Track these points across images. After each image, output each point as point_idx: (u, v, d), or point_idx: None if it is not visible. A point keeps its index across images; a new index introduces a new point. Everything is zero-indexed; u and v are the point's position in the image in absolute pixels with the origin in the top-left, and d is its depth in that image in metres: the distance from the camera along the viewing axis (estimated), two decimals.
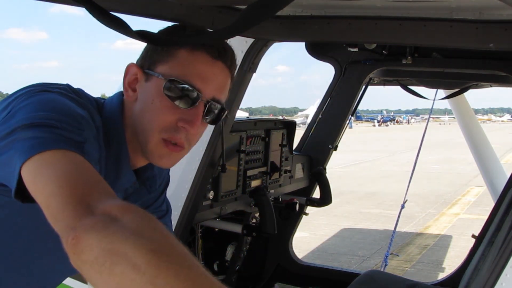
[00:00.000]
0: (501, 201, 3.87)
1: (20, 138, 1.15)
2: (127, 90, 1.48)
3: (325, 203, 4.44)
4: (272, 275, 4.63)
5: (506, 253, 2.18)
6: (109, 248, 0.89)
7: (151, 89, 1.43)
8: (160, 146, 1.45)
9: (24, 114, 1.20)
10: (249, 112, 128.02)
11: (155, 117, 1.43)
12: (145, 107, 1.44)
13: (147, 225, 0.95)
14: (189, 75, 1.41)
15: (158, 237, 0.93)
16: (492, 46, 2.04)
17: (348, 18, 2.22)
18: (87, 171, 1.11)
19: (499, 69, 4.03)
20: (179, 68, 1.42)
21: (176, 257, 0.90)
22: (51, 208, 1.03)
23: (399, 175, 17.68)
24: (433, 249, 8.97)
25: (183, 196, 2.94)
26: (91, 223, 0.94)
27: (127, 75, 1.48)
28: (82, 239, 0.92)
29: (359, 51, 4.28)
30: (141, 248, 0.88)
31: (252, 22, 1.27)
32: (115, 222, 0.93)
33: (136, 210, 0.99)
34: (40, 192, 1.06)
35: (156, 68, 1.44)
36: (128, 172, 1.52)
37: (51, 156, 1.11)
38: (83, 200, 1.01)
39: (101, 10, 1.30)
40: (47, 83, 1.38)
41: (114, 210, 0.97)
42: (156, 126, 1.43)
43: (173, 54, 1.42)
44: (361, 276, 3.65)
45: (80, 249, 0.91)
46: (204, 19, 1.95)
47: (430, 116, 7.00)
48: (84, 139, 1.22)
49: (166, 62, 1.43)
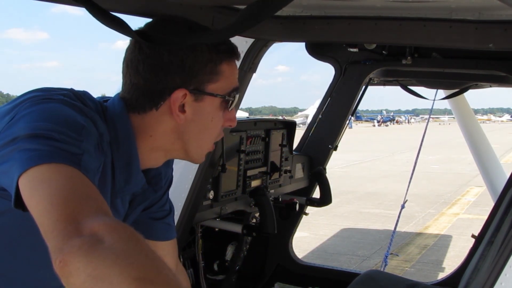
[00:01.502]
0: (501, 201, 3.87)
1: (20, 148, 1.18)
2: (178, 115, 1.49)
3: (325, 203, 4.44)
4: (272, 275, 4.63)
5: (505, 253, 2.18)
6: (95, 275, 0.91)
7: (207, 108, 1.51)
8: (209, 149, 1.62)
9: (26, 123, 1.23)
10: (249, 112, 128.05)
11: (214, 130, 1.56)
12: (205, 125, 1.53)
13: (133, 247, 0.96)
14: (234, 83, 1.55)
15: (143, 261, 0.94)
16: (491, 46, 2.05)
17: (348, 18, 2.22)
18: (80, 186, 1.12)
19: (499, 69, 4.03)
20: (228, 82, 1.53)
21: (161, 285, 0.92)
22: (43, 226, 1.04)
23: (399, 175, 17.68)
24: (433, 249, 8.97)
25: (183, 196, 2.94)
26: (77, 244, 0.95)
27: (176, 100, 1.47)
28: (68, 263, 0.93)
29: (359, 51, 4.28)
30: (126, 276, 0.90)
31: (252, 22, 1.27)
32: (101, 244, 0.95)
33: (123, 229, 1.00)
34: (35, 208, 1.08)
35: (207, 88, 1.49)
36: (138, 174, 1.54)
37: (46, 170, 1.13)
38: (72, 219, 1.02)
39: (101, 10, 1.30)
40: (51, 89, 1.38)
41: (101, 230, 0.98)
42: (215, 137, 1.58)
43: (219, 72, 1.50)
44: (361, 276, 3.65)
45: (68, 273, 0.93)
46: (204, 19, 1.95)
47: (430, 116, 7.00)
48: (82, 150, 1.23)
49: (216, 80, 1.50)
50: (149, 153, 1.54)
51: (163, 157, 1.60)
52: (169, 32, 1.46)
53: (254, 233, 3.49)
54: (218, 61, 1.48)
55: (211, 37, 1.47)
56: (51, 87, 1.40)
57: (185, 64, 1.45)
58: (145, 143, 1.52)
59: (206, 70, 1.47)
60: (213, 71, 1.48)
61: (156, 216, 1.78)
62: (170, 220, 1.85)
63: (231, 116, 1.58)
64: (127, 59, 1.49)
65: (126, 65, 1.49)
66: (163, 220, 1.80)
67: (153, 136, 1.51)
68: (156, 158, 1.58)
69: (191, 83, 1.47)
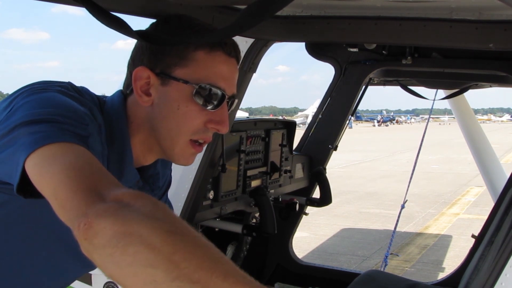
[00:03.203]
0: (501, 201, 3.88)
1: (22, 134, 1.15)
2: (140, 96, 1.45)
3: (325, 203, 4.44)
4: (272, 275, 4.63)
5: (505, 253, 2.18)
6: (123, 230, 0.89)
7: (173, 94, 1.42)
8: (188, 148, 1.47)
9: (24, 111, 1.20)
10: (249, 112, 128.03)
11: (183, 122, 1.43)
12: (170, 113, 1.43)
13: (159, 210, 0.95)
14: (213, 77, 1.42)
15: (172, 220, 0.94)
16: (491, 46, 2.05)
17: (348, 18, 2.22)
18: (94, 163, 1.10)
19: (499, 69, 4.03)
20: (201, 71, 1.42)
21: (191, 237, 0.91)
22: (59, 198, 1.01)
23: (399, 175, 17.69)
24: (433, 249, 8.98)
25: (183, 196, 2.94)
26: (103, 207, 0.93)
27: (139, 80, 1.44)
28: (94, 224, 0.91)
29: (359, 51, 4.28)
30: (156, 229, 0.88)
31: (252, 22, 1.27)
32: (128, 207, 0.93)
33: (147, 197, 0.99)
34: (47, 183, 1.05)
35: (173, 72, 1.42)
36: (131, 170, 1.52)
37: (56, 149, 1.10)
38: (93, 188, 1.00)
39: (101, 10, 1.30)
40: (49, 81, 1.37)
41: (125, 197, 0.96)
42: (185, 131, 1.44)
43: (191, 57, 1.42)
44: (361, 276, 3.65)
45: (93, 234, 0.91)
46: (204, 19, 1.95)
47: (430, 116, 7.01)
48: (88, 133, 1.22)
49: (185, 65, 1.42)
50: (140, 148, 1.52)
51: (149, 152, 1.54)
52: (170, 31, 1.46)
53: (254, 233, 3.49)
54: (191, 46, 1.41)
55: (212, 37, 1.47)
56: (49, 80, 1.39)
57: (152, 46, 1.45)
58: (136, 137, 1.50)
59: (173, 52, 1.42)
60: (181, 54, 1.42)
61: None
62: None
63: (215, 117, 1.44)
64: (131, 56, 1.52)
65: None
66: None
67: (133, 123, 1.49)
68: (144, 153, 1.53)
69: (158, 65, 1.44)
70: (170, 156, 1.51)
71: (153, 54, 1.45)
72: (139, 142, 1.50)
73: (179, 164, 1.55)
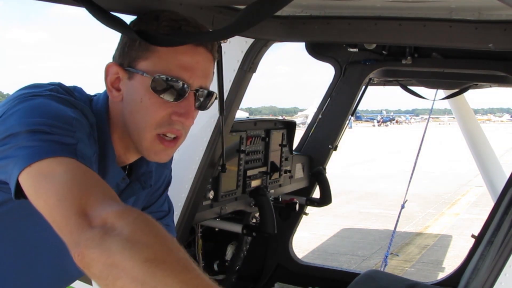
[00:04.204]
0: (501, 201, 3.88)
1: (15, 146, 1.19)
2: (111, 91, 1.46)
3: (325, 203, 4.44)
4: (272, 275, 4.63)
5: (505, 252, 2.18)
6: (110, 263, 0.96)
7: (137, 87, 1.42)
8: (156, 143, 1.45)
9: (15, 120, 1.24)
10: (249, 112, 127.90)
11: (146, 115, 1.42)
12: (135, 106, 1.43)
13: (143, 229, 1.00)
14: (174, 68, 1.40)
15: (153, 242, 0.98)
16: (491, 46, 2.05)
17: (348, 18, 2.22)
18: (81, 176, 1.14)
19: (499, 69, 4.03)
20: (162, 62, 1.40)
21: (171, 263, 0.95)
22: (55, 222, 1.09)
23: (399, 175, 17.67)
24: (432, 249, 8.98)
25: (183, 196, 2.94)
26: (91, 236, 1.00)
27: (109, 75, 1.46)
28: (86, 255, 0.99)
29: (359, 51, 4.28)
30: (137, 259, 0.94)
31: (251, 22, 1.27)
32: (112, 232, 0.99)
33: (131, 213, 1.04)
34: (43, 207, 1.12)
35: (137, 65, 1.42)
36: (114, 168, 1.53)
37: (47, 166, 1.14)
38: (82, 211, 1.06)
39: (101, 10, 1.30)
40: (39, 85, 1.39)
41: (110, 218, 1.02)
42: (149, 124, 1.43)
43: (153, 49, 1.41)
44: (361, 276, 3.65)
45: (87, 264, 0.99)
46: (204, 19, 1.95)
47: (430, 116, 7.00)
48: (77, 140, 1.24)
49: (146, 58, 1.41)
50: (120, 145, 1.51)
51: (127, 149, 1.54)
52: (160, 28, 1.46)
53: (254, 233, 3.49)
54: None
55: (212, 37, 1.47)
56: (39, 83, 1.40)
57: (123, 39, 1.46)
58: (115, 134, 1.50)
59: (135, 45, 1.42)
60: (141, 46, 1.41)
61: (154, 217, 1.77)
62: (169, 220, 1.84)
63: (179, 109, 1.42)
64: None
65: None
66: (162, 221, 1.79)
67: (112, 120, 1.49)
68: (124, 150, 1.53)
69: (125, 60, 1.44)
70: (142, 152, 1.50)
71: (122, 49, 1.45)
72: (118, 139, 1.51)
73: (153, 161, 1.54)
